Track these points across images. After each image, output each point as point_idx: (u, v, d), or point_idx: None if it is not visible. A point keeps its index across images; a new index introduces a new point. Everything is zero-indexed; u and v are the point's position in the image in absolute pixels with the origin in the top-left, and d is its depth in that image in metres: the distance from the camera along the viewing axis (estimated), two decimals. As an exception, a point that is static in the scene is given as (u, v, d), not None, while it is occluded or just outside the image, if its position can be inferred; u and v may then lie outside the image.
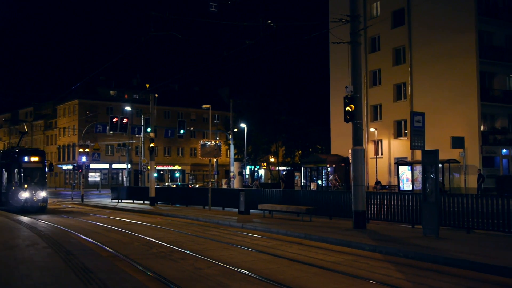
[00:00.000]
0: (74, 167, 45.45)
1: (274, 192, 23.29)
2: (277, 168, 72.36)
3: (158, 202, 32.48)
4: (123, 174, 68.33)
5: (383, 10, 43.57)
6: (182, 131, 36.85)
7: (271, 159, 71.06)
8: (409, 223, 16.51)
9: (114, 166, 75.46)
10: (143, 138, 46.03)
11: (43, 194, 26.57)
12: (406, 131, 39.53)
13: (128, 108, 60.16)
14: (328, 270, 9.70)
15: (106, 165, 75.30)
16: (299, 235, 14.89)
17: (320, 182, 44.00)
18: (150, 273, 9.40)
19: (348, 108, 16.25)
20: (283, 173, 68.13)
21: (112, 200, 38.71)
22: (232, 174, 44.37)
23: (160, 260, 11.05)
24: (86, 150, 42.50)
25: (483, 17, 36.49)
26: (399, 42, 41.77)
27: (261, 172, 79.29)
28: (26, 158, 26.79)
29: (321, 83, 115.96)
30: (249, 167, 70.07)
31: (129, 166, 60.85)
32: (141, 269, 9.88)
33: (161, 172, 79.94)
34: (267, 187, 53.51)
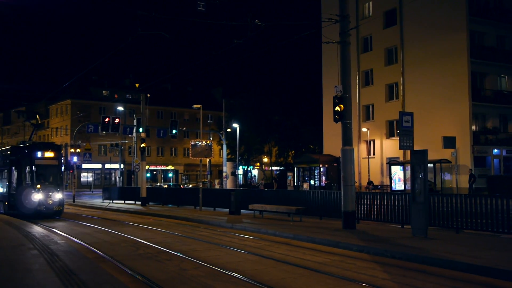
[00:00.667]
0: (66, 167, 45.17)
1: (265, 192, 23.28)
2: (270, 168, 72.32)
3: (150, 203, 32.37)
4: (116, 175, 68.23)
5: (375, 10, 43.60)
6: (174, 131, 36.73)
7: (264, 159, 71.02)
8: (399, 223, 16.49)
9: (107, 166, 75.12)
10: (135, 138, 45.82)
11: (59, 196, 22.88)
12: (398, 131, 39.52)
13: (120, 108, 59.93)
14: (314, 271, 9.65)
15: (99, 165, 74.94)
16: (288, 236, 14.83)
17: (312, 182, 43.94)
18: (134, 274, 9.32)
19: (337, 108, 16.21)
20: (277, 173, 68.21)
21: (104, 201, 38.54)
22: (224, 174, 44.30)
23: (146, 261, 10.96)
24: (78, 150, 42.25)
25: (475, 17, 36.56)
26: (391, 42, 41.81)
27: (255, 172, 79.23)
28: (39, 154, 23.00)
29: (314, 83, 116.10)
30: (242, 167, 70.07)
31: (122, 166, 60.64)
32: (125, 270, 9.79)
33: (154, 172, 79.71)
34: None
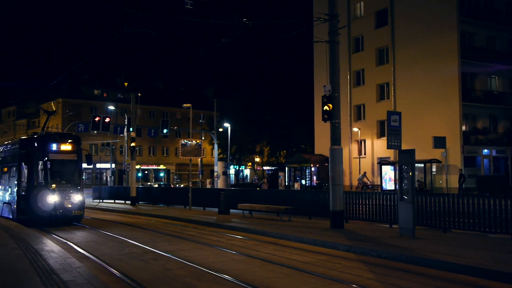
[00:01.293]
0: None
1: (255, 192, 23.23)
2: (262, 168, 72.29)
3: (140, 202, 32.24)
4: (107, 174, 67.77)
5: (366, 10, 43.65)
6: (165, 131, 36.57)
7: (256, 159, 71.00)
8: (387, 223, 16.49)
9: (98, 165, 74.60)
10: (126, 137, 45.65)
11: (78, 197, 19.02)
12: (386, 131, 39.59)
13: (111, 107, 59.67)
14: (299, 271, 9.61)
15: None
16: (276, 235, 14.79)
17: (304, 182, 43.98)
18: (118, 274, 9.23)
19: (326, 107, 16.17)
20: (269, 173, 68.16)
21: (94, 200, 38.35)
22: (216, 174, 44.19)
23: (131, 261, 10.89)
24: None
25: (465, 18, 36.70)
26: (382, 42, 41.88)
27: (246, 172, 79.20)
28: (54, 147, 19.27)
29: (306, 83, 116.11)
30: (233, 167, 70.01)
31: (113, 165, 60.36)
32: (109, 270, 9.71)
33: (146, 172, 79.42)
34: (250, 187, 53.50)
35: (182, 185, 64.93)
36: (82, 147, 20.28)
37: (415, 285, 8.44)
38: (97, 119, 30.18)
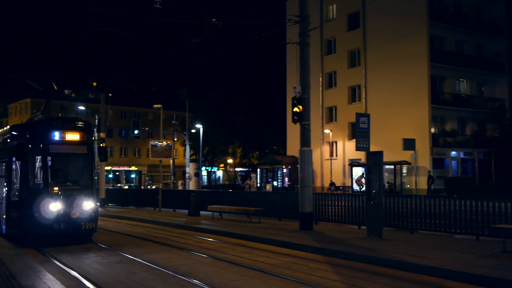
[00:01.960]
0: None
1: (225, 194, 23.10)
2: (234, 169, 72.13)
3: (110, 204, 31.76)
4: (77, 175, 66.44)
5: (339, 13, 44.00)
6: (136, 132, 36.24)
7: (229, 160, 70.81)
8: (356, 224, 16.58)
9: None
10: (96, 138, 44.92)
11: (89, 205, 13.77)
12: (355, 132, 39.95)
13: (82, 108, 58.69)
14: (266, 273, 9.54)
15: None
16: (245, 237, 14.69)
17: (276, 183, 44.02)
18: (80, 278, 9.01)
19: (296, 109, 16.17)
20: (241, 174, 68.01)
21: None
22: (188, 175, 43.84)
23: (95, 265, 10.66)
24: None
25: (435, 22, 37.28)
26: (354, 45, 42.23)
27: (219, 173, 78.91)
28: (57, 135, 14.07)
29: (279, 84, 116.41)
30: (206, 168, 69.66)
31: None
32: (71, 273, 9.47)
33: (117, 173, 78.37)
34: (223, 188, 53.29)
35: (153, 187, 64.28)
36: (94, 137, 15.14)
37: (379, 286, 8.47)
38: (65, 119, 29.59)
